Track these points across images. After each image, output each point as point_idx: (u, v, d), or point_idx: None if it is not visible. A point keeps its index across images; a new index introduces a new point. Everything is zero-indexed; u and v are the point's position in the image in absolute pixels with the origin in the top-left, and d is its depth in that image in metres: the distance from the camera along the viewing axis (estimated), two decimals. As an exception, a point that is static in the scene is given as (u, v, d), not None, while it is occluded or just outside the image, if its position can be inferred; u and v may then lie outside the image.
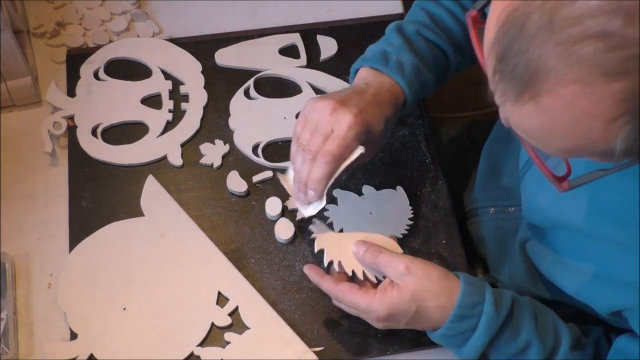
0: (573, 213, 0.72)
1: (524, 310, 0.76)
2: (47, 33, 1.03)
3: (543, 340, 0.75)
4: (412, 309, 0.73)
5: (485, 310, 0.73)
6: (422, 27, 0.87)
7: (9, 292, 0.84)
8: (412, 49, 0.84)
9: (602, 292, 0.71)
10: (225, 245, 0.89)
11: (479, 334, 0.73)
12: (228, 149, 0.95)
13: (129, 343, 0.82)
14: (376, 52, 0.84)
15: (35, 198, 0.92)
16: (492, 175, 0.98)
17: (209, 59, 1.01)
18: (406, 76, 0.82)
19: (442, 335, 0.75)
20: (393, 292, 0.73)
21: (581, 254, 0.73)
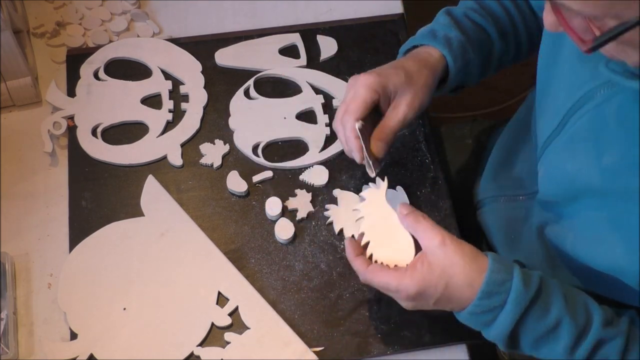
0: (603, 172, 0.70)
1: (553, 289, 0.74)
2: (47, 33, 1.03)
3: (574, 318, 0.73)
4: (441, 284, 0.72)
5: (513, 287, 0.71)
6: (470, 10, 0.91)
7: (9, 292, 0.84)
8: (459, 27, 0.88)
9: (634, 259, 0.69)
10: (225, 245, 0.89)
11: (507, 310, 0.72)
12: (228, 149, 0.95)
13: (129, 343, 0.82)
14: (425, 31, 0.89)
15: (35, 198, 0.92)
16: (504, 166, 0.98)
17: (209, 59, 1.01)
18: (453, 50, 0.86)
19: (471, 313, 0.74)
20: (423, 267, 0.73)
21: (607, 221, 0.72)
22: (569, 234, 0.79)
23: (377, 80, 0.82)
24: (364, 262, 0.78)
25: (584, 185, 0.74)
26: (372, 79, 0.82)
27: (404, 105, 0.83)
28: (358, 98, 0.82)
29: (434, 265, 0.73)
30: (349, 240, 0.80)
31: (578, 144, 0.75)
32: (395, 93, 0.83)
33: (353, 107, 0.81)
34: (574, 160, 0.75)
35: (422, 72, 0.84)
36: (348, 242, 0.80)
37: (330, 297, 0.86)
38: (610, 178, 0.70)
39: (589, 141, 0.73)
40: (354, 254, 0.79)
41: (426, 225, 0.75)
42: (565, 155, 0.77)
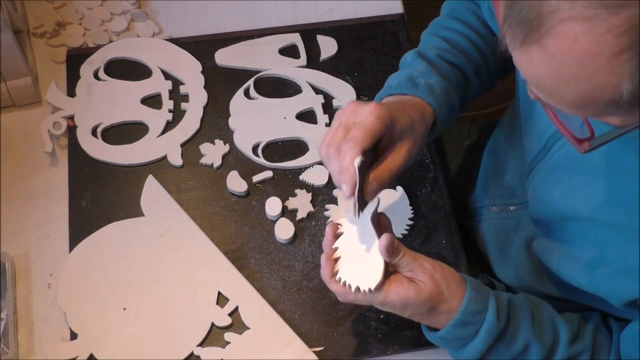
0: (587, 203, 0.71)
1: (521, 313, 0.76)
2: (47, 33, 1.03)
3: (541, 340, 0.75)
4: (425, 309, 0.73)
5: (487, 318, 0.73)
6: (442, 50, 0.85)
7: (9, 292, 0.84)
8: (438, 71, 0.83)
9: (614, 282, 0.71)
10: (225, 245, 0.89)
11: (478, 341, 0.74)
12: (228, 149, 0.95)
13: (129, 343, 0.82)
14: (402, 79, 0.81)
15: (35, 198, 0.92)
16: (495, 175, 0.98)
17: (209, 59, 1.01)
18: (437, 98, 0.80)
19: (442, 338, 0.75)
20: (410, 288, 0.72)
21: (593, 245, 0.73)
22: (556, 251, 0.79)
23: (388, 113, 0.72)
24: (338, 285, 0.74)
25: (570, 211, 0.75)
26: (384, 110, 0.72)
27: (406, 150, 0.75)
28: (367, 126, 0.70)
29: (422, 289, 0.72)
30: (326, 261, 0.74)
31: (563, 171, 0.76)
32: (398, 136, 0.75)
33: (359, 135, 0.70)
34: (560, 186, 0.76)
35: (421, 123, 0.78)
36: (324, 261, 0.74)
37: (330, 297, 0.86)
38: (600, 210, 0.71)
39: (573, 170, 0.74)
40: (329, 276, 0.74)
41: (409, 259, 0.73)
42: (551, 181, 0.78)
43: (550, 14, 0.49)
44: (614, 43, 0.48)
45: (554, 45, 0.51)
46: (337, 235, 0.75)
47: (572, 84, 0.52)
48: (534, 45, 0.52)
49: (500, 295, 0.76)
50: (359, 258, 0.74)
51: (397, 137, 0.75)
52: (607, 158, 0.70)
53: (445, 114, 0.82)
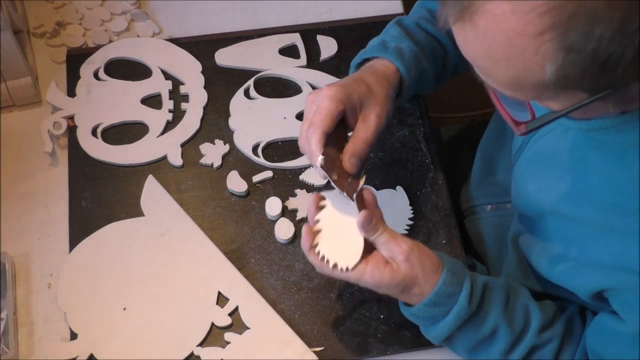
0: (557, 198, 0.73)
1: (494, 296, 0.77)
2: (47, 33, 1.03)
3: (511, 324, 0.76)
4: (397, 290, 0.74)
5: (459, 301, 0.74)
6: (421, 19, 0.88)
7: (9, 292, 0.84)
8: (410, 37, 0.86)
9: (582, 275, 0.72)
10: (225, 245, 0.89)
11: (447, 321, 0.75)
12: (228, 149, 0.95)
13: (129, 343, 0.82)
14: (375, 43, 0.85)
15: (35, 198, 0.92)
16: (488, 172, 0.99)
17: (209, 59, 1.01)
18: (405, 61, 0.83)
19: (413, 314, 0.77)
20: (385, 271, 0.73)
21: (565, 239, 0.74)
22: (535, 246, 0.80)
23: (341, 90, 0.76)
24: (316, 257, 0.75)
25: (542, 206, 0.76)
26: (336, 89, 0.75)
27: (374, 116, 0.77)
28: (323, 110, 0.74)
29: (396, 274, 0.73)
30: (306, 233, 0.75)
31: (536, 165, 0.78)
32: (361, 105, 0.77)
33: (318, 119, 0.74)
34: (534, 181, 0.78)
35: (382, 83, 0.80)
36: (305, 233, 0.75)
37: (330, 297, 0.86)
38: (564, 204, 0.73)
39: (545, 165, 0.76)
40: (309, 245, 0.75)
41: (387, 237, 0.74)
42: (527, 175, 0.80)
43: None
44: (537, 22, 0.50)
45: (484, 23, 0.53)
46: (320, 207, 0.76)
47: (502, 63, 0.55)
48: (467, 22, 0.54)
49: (477, 279, 0.77)
50: (339, 234, 0.75)
51: (360, 108, 0.77)
52: (573, 153, 0.71)
53: (414, 78, 0.84)
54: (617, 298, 0.71)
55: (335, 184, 0.74)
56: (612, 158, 0.67)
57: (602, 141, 0.67)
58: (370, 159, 0.95)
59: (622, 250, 0.67)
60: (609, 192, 0.68)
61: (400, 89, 0.84)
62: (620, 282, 0.69)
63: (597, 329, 0.76)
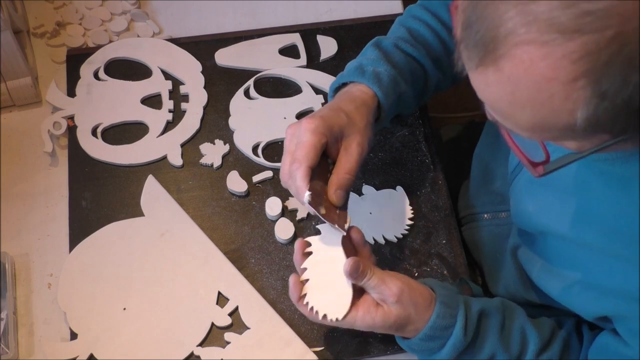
0: (559, 220, 0.72)
1: (490, 323, 0.77)
2: (47, 33, 1.03)
3: (507, 349, 0.76)
4: (391, 330, 0.75)
5: (454, 333, 0.74)
6: (400, 40, 0.86)
7: (9, 292, 0.84)
8: (388, 60, 0.83)
9: (586, 298, 0.72)
10: (225, 245, 0.89)
11: (444, 352, 0.75)
12: (228, 149, 0.95)
13: (129, 343, 0.82)
14: (352, 67, 0.83)
15: (35, 198, 0.92)
16: (484, 181, 0.98)
17: (209, 59, 1.01)
18: (383, 86, 0.81)
19: (409, 347, 0.77)
20: (377, 314, 0.73)
21: (567, 261, 0.74)
22: (537, 262, 0.80)
23: (321, 123, 0.74)
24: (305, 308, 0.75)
25: (544, 226, 0.76)
26: (317, 122, 0.74)
27: (355, 145, 0.76)
28: (305, 144, 0.73)
29: (388, 314, 0.73)
30: (294, 284, 0.75)
31: (536, 186, 0.77)
32: (341, 135, 0.76)
33: (301, 154, 0.73)
34: (534, 201, 0.77)
35: (361, 111, 0.78)
36: (292, 285, 0.75)
37: (330, 297, 0.86)
38: (567, 227, 0.71)
39: (546, 186, 0.75)
40: (297, 297, 0.75)
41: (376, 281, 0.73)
42: (526, 195, 0.79)
43: (506, 37, 0.49)
44: (570, 69, 0.48)
45: (509, 68, 0.50)
46: (306, 254, 0.76)
47: (527, 108, 0.52)
48: (490, 67, 0.51)
49: (472, 306, 0.76)
50: (327, 283, 0.74)
51: (341, 137, 0.76)
52: (576, 178, 0.70)
53: (392, 103, 0.82)
54: (622, 324, 0.70)
55: (324, 218, 0.73)
56: (616, 185, 0.66)
57: (606, 170, 0.66)
58: (370, 159, 0.95)
59: (627, 277, 0.66)
60: (613, 218, 0.66)
61: (379, 114, 0.82)
62: (625, 309, 0.68)
63: (600, 349, 0.76)
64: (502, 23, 0.49)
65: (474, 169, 1.01)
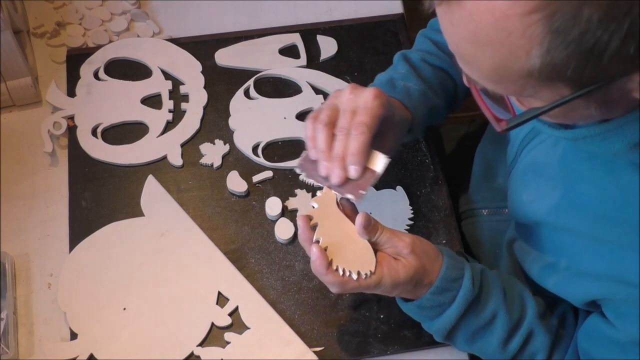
0: (549, 208, 0.73)
1: (493, 283, 0.77)
2: (47, 33, 1.03)
3: (509, 311, 0.76)
4: (412, 284, 0.74)
5: (464, 284, 0.74)
6: (427, 54, 0.89)
7: (9, 292, 0.84)
8: (418, 75, 0.86)
9: (575, 284, 0.73)
10: (225, 245, 0.89)
11: (455, 306, 0.74)
12: (228, 149, 0.95)
13: (129, 343, 0.82)
14: (384, 80, 0.86)
15: (35, 198, 0.92)
16: (486, 177, 0.99)
17: (209, 59, 1.01)
18: (413, 100, 0.83)
19: (419, 307, 0.76)
20: (399, 267, 0.72)
21: (557, 249, 0.75)
22: (530, 254, 0.81)
23: (388, 102, 0.74)
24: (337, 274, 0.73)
25: (536, 216, 0.76)
26: (385, 98, 0.73)
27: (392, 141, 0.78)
28: (373, 111, 0.72)
29: (409, 266, 0.73)
30: (320, 253, 0.71)
31: (530, 176, 0.78)
32: (389, 126, 0.77)
33: (369, 121, 0.71)
34: (527, 191, 0.78)
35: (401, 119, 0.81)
36: (319, 253, 0.71)
37: (330, 297, 0.86)
38: (556, 214, 0.73)
39: (538, 175, 0.76)
40: (325, 267, 0.71)
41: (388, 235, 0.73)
42: (521, 185, 0.80)
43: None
44: (525, 2, 0.50)
45: (471, 4, 0.52)
46: (312, 227, 0.75)
47: (488, 47, 0.54)
48: (453, 3, 0.53)
49: (474, 264, 0.78)
50: (344, 245, 0.74)
51: (387, 127, 0.76)
52: (564, 164, 0.72)
53: (423, 116, 0.85)
54: (609, 307, 0.71)
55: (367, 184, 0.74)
56: (601, 169, 0.67)
57: (590, 152, 0.67)
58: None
59: (613, 260, 0.67)
60: (599, 202, 0.68)
61: (411, 125, 0.84)
62: (611, 292, 0.69)
63: (589, 330, 0.76)
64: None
65: (476, 165, 1.01)
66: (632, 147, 0.61)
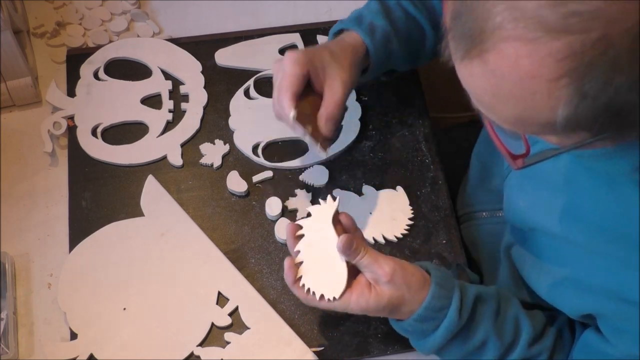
0: (548, 216, 0.72)
1: (486, 308, 0.76)
2: (47, 33, 1.03)
3: (500, 337, 0.76)
4: (385, 312, 0.74)
5: (449, 314, 0.74)
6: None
7: (9, 292, 0.84)
8: (387, 16, 0.86)
9: (571, 296, 0.72)
10: (225, 245, 0.89)
11: (438, 334, 0.75)
12: (228, 149, 0.95)
13: (129, 343, 0.82)
14: (353, 15, 0.88)
15: (35, 198, 0.92)
16: (483, 179, 0.99)
17: (209, 59, 1.01)
18: (375, 39, 0.84)
19: (403, 329, 0.77)
20: (370, 296, 0.73)
21: (554, 257, 0.74)
22: (527, 260, 0.80)
23: (302, 55, 0.79)
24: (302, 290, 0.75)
25: (533, 222, 0.76)
26: (298, 54, 0.79)
27: (339, 81, 0.81)
28: (287, 74, 0.79)
29: (381, 295, 0.73)
30: (289, 267, 0.75)
31: (527, 182, 0.77)
32: (324, 70, 0.81)
33: (285, 83, 0.79)
34: (525, 197, 0.78)
35: (346, 52, 0.83)
36: (288, 268, 0.75)
37: (330, 297, 0.86)
38: (554, 223, 0.72)
39: (537, 182, 0.75)
40: (293, 280, 0.75)
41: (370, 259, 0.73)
42: (518, 191, 0.80)
43: (493, 31, 0.50)
44: (554, 67, 0.48)
45: (494, 61, 0.51)
46: (298, 236, 0.76)
47: (510, 102, 0.53)
48: (475, 59, 0.52)
49: (468, 291, 0.76)
50: (321, 263, 0.74)
51: (324, 72, 0.81)
52: (564, 175, 0.71)
53: (382, 57, 0.86)
54: (605, 323, 0.71)
55: (311, 136, 0.79)
56: (602, 183, 0.66)
57: (592, 167, 0.67)
58: (370, 159, 0.95)
59: (610, 275, 0.67)
60: (598, 215, 0.67)
61: (367, 65, 0.86)
62: (607, 308, 0.68)
63: (584, 347, 0.76)
64: (490, 17, 0.50)
65: (472, 168, 1.01)
66: (636, 169, 0.61)
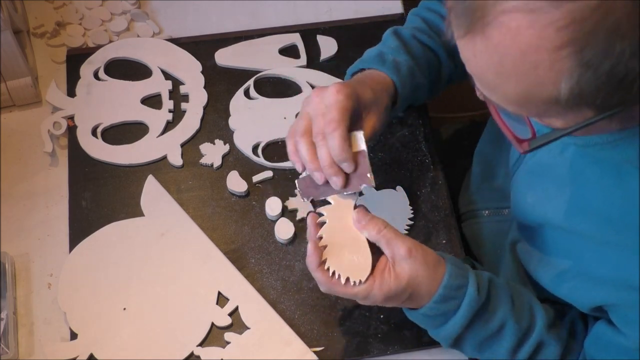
0: (556, 210, 0.73)
1: (501, 292, 0.76)
2: (47, 33, 1.03)
3: (518, 321, 0.75)
4: (406, 294, 0.73)
5: (468, 292, 0.73)
6: (417, 31, 0.88)
7: (9, 292, 0.84)
8: (407, 50, 0.85)
9: (581, 288, 0.72)
10: (225, 245, 0.89)
11: (460, 315, 0.73)
12: (228, 149, 0.95)
13: (129, 343, 0.82)
14: (373, 54, 0.85)
15: (35, 198, 0.92)
16: (486, 177, 0.99)
17: (209, 59, 1.01)
18: (402, 76, 0.83)
19: (424, 315, 0.75)
20: (391, 278, 0.72)
21: (563, 251, 0.74)
22: (534, 256, 0.80)
23: (352, 91, 0.74)
24: (326, 273, 0.73)
25: (541, 217, 0.76)
26: (348, 89, 0.74)
27: (374, 122, 0.78)
28: (340, 105, 0.72)
29: (401, 276, 0.72)
30: (314, 249, 0.73)
31: (535, 177, 0.77)
32: (364, 109, 0.77)
33: (337, 115, 0.72)
34: (533, 193, 0.78)
35: (383, 94, 0.80)
36: (313, 249, 0.72)
37: (331, 297, 0.86)
38: (563, 217, 0.72)
39: (544, 177, 0.75)
40: (317, 262, 0.73)
41: (389, 234, 0.73)
42: (526, 187, 0.80)
43: (494, 5, 0.50)
44: (554, 37, 0.49)
45: (497, 36, 0.51)
46: (319, 223, 0.75)
47: (513, 78, 0.53)
48: (477, 35, 0.52)
49: (481, 273, 0.76)
50: (345, 248, 0.74)
51: (363, 111, 0.77)
52: (570, 168, 0.71)
53: (409, 92, 0.84)
54: (616, 313, 0.71)
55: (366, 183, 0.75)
56: (609, 173, 0.66)
57: (598, 157, 0.67)
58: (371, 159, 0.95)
59: (620, 265, 0.67)
60: (606, 206, 0.67)
61: (395, 102, 0.84)
62: (619, 298, 0.68)
63: (596, 338, 0.76)
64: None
65: (475, 166, 1.01)
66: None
